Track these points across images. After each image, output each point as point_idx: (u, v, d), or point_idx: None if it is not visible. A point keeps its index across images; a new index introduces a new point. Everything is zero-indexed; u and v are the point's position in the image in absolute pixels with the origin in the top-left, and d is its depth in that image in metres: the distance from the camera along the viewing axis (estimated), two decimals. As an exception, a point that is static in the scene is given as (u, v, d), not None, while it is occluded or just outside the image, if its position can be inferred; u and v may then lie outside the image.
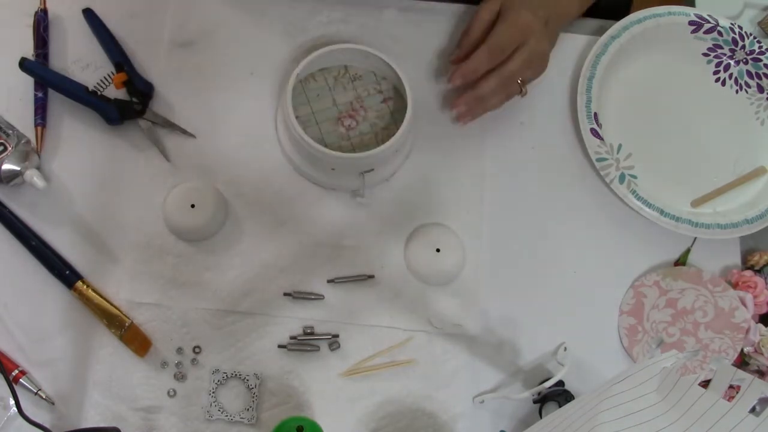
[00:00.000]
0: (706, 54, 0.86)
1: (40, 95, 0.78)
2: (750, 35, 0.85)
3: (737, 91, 0.86)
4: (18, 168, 0.73)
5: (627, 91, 0.85)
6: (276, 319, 0.74)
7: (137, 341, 0.72)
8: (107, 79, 0.79)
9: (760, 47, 0.85)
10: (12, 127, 0.74)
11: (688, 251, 0.80)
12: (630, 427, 0.51)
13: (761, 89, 0.85)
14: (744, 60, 0.85)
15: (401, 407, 0.73)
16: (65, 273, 0.72)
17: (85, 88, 0.77)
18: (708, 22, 0.85)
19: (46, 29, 0.80)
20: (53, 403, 0.70)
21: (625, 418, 0.51)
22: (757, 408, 0.45)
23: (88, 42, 0.81)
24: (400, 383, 0.74)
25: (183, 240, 0.75)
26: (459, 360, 0.75)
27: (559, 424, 0.57)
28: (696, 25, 0.85)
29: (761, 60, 0.85)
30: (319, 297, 0.75)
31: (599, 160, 0.80)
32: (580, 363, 0.75)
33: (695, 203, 0.82)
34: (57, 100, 0.78)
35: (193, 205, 0.74)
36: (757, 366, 0.76)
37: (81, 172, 0.77)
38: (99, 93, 0.78)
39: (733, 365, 0.48)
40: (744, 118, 0.86)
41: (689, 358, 0.52)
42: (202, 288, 0.74)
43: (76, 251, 0.74)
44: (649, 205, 0.79)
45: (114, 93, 0.79)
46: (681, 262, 0.80)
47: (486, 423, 0.73)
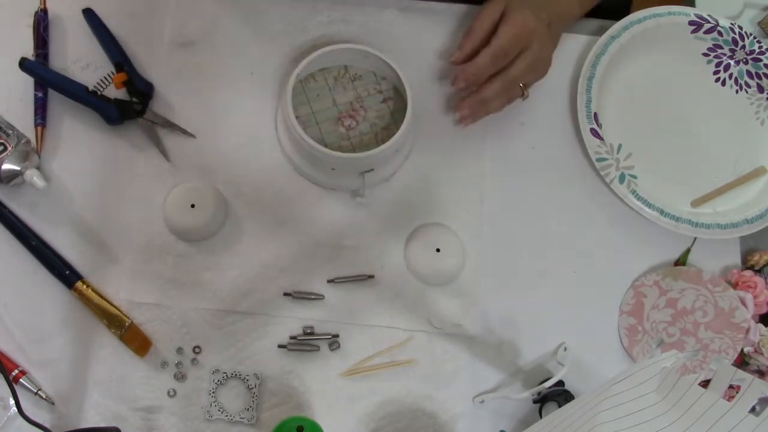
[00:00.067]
0: (706, 54, 0.86)
1: (40, 95, 0.78)
2: (750, 35, 0.85)
3: (737, 91, 0.86)
4: (18, 168, 0.73)
5: (627, 91, 0.85)
6: (276, 319, 0.74)
7: (137, 341, 0.72)
8: (107, 79, 0.79)
9: (760, 47, 0.85)
10: (12, 127, 0.74)
11: (688, 251, 0.80)
12: (630, 427, 0.51)
13: (761, 89, 0.85)
14: (744, 60, 0.85)
15: (401, 407, 0.73)
16: (65, 273, 0.72)
17: (85, 88, 0.77)
18: (708, 22, 0.85)
19: (46, 29, 0.80)
20: (53, 403, 0.70)
21: (625, 418, 0.51)
22: (757, 408, 0.45)
23: (88, 42, 0.81)
24: (400, 383, 0.74)
25: (183, 240, 0.75)
26: (459, 360, 0.75)
27: (559, 424, 0.57)
28: (696, 25, 0.85)
29: (761, 60, 0.85)
30: (319, 297, 0.75)
31: (599, 160, 0.80)
32: (580, 363, 0.75)
33: (695, 203, 0.82)
34: (57, 100, 0.78)
35: (193, 205, 0.74)
36: (757, 366, 0.76)
37: (81, 172, 0.77)
38: (99, 93, 0.78)
39: (733, 365, 0.48)
40: (744, 118, 0.86)
41: (689, 358, 0.52)
42: (202, 288, 0.74)
43: (76, 251, 0.74)
44: (649, 205, 0.79)
45: (114, 93, 0.79)
46: (681, 262, 0.80)
47: (486, 423, 0.73)
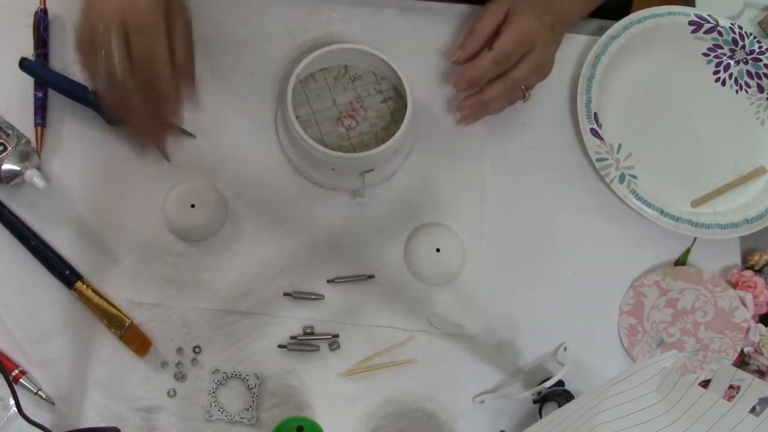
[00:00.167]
0: (706, 54, 0.86)
1: (40, 95, 0.78)
2: (750, 35, 0.85)
3: (737, 91, 0.86)
4: (18, 168, 0.73)
5: (627, 91, 0.85)
6: (276, 319, 0.74)
7: (137, 341, 0.71)
8: None
9: (760, 47, 0.85)
10: (12, 127, 0.74)
11: (688, 251, 0.80)
12: (630, 427, 0.51)
13: (761, 89, 0.85)
14: (744, 60, 0.85)
15: (401, 407, 0.73)
16: (65, 273, 0.72)
17: (85, 88, 0.77)
18: (708, 22, 0.85)
19: (46, 29, 0.80)
20: (53, 403, 0.70)
21: (625, 418, 0.51)
22: (757, 408, 0.45)
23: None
24: (400, 383, 0.74)
25: (183, 240, 0.75)
26: (459, 360, 0.75)
27: (559, 424, 0.57)
28: (696, 25, 0.85)
29: (761, 60, 0.85)
30: (319, 297, 0.75)
31: (599, 160, 0.80)
32: (580, 363, 0.75)
33: (695, 203, 0.82)
34: (57, 100, 0.78)
35: (193, 205, 0.74)
36: (757, 366, 0.76)
37: (81, 172, 0.77)
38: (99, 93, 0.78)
39: (733, 365, 0.48)
40: (744, 118, 0.86)
41: (689, 358, 0.52)
42: (202, 288, 0.74)
43: (76, 251, 0.74)
44: (649, 205, 0.79)
45: (114, 93, 0.79)
46: (681, 262, 0.80)
47: (486, 423, 0.73)
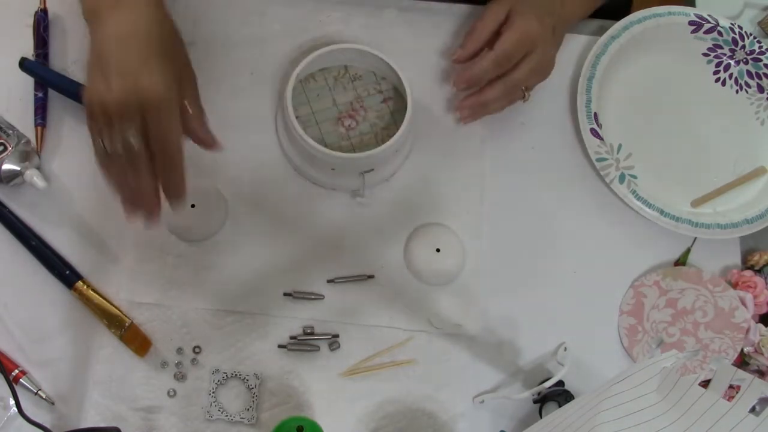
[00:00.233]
0: (706, 54, 0.86)
1: (40, 95, 0.78)
2: (750, 35, 0.85)
3: (737, 91, 0.86)
4: (18, 168, 0.73)
5: (627, 91, 0.85)
6: (276, 319, 0.74)
7: (137, 341, 0.71)
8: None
9: (760, 47, 0.85)
10: (12, 127, 0.74)
11: (688, 251, 0.80)
12: (630, 427, 0.51)
13: (761, 89, 0.85)
14: (744, 60, 0.85)
15: (401, 407, 0.73)
16: (65, 273, 0.72)
17: (85, 88, 0.77)
18: (708, 22, 0.85)
19: (46, 29, 0.80)
20: (53, 403, 0.70)
21: (625, 418, 0.51)
22: (757, 408, 0.45)
23: (88, 42, 0.80)
24: (400, 383, 0.74)
25: (183, 240, 0.75)
26: (459, 360, 0.75)
27: (559, 424, 0.57)
28: (696, 25, 0.85)
29: (761, 60, 0.85)
30: (319, 297, 0.75)
31: (599, 160, 0.80)
32: (580, 363, 0.74)
33: (695, 203, 0.82)
34: (57, 100, 0.78)
35: (193, 205, 0.74)
36: (757, 366, 0.76)
37: (81, 172, 0.77)
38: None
39: (733, 365, 0.48)
40: (744, 118, 0.86)
41: (689, 358, 0.52)
42: (202, 288, 0.74)
43: (76, 251, 0.74)
44: (649, 205, 0.79)
45: (114, 93, 0.79)
46: (681, 262, 0.80)
47: (486, 423, 0.73)
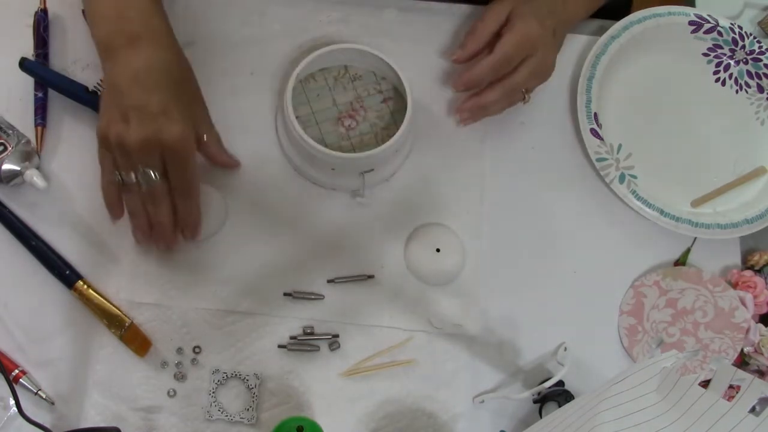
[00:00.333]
0: (706, 54, 0.86)
1: (40, 95, 0.78)
2: (750, 35, 0.85)
3: (737, 91, 0.86)
4: (18, 168, 0.73)
5: (627, 91, 0.85)
6: (276, 319, 0.74)
7: (137, 341, 0.71)
8: (104, 72, 0.79)
9: (760, 47, 0.85)
10: (12, 127, 0.74)
11: (688, 251, 0.80)
12: (630, 427, 0.51)
13: (761, 89, 0.85)
14: (744, 60, 0.85)
15: (401, 407, 0.73)
16: (65, 273, 0.72)
17: (85, 88, 0.77)
18: (708, 22, 0.85)
19: (46, 29, 0.80)
20: (53, 403, 0.70)
21: (625, 418, 0.51)
22: (757, 408, 0.45)
23: (88, 42, 0.80)
24: (400, 383, 0.74)
25: (183, 240, 0.75)
26: (459, 360, 0.75)
27: (559, 424, 0.57)
28: (696, 25, 0.85)
29: (761, 60, 0.85)
30: (319, 297, 0.75)
31: (599, 160, 0.80)
32: (580, 363, 0.74)
33: (695, 203, 0.82)
34: (57, 100, 0.78)
35: (193, 205, 0.74)
36: (757, 366, 0.76)
37: (81, 172, 0.77)
38: (99, 93, 0.78)
39: (733, 365, 0.48)
40: (744, 118, 0.86)
41: (689, 358, 0.52)
42: (202, 288, 0.74)
43: (76, 251, 0.74)
44: (649, 205, 0.79)
45: (114, 93, 0.79)
46: (681, 262, 0.80)
47: (486, 423, 0.73)
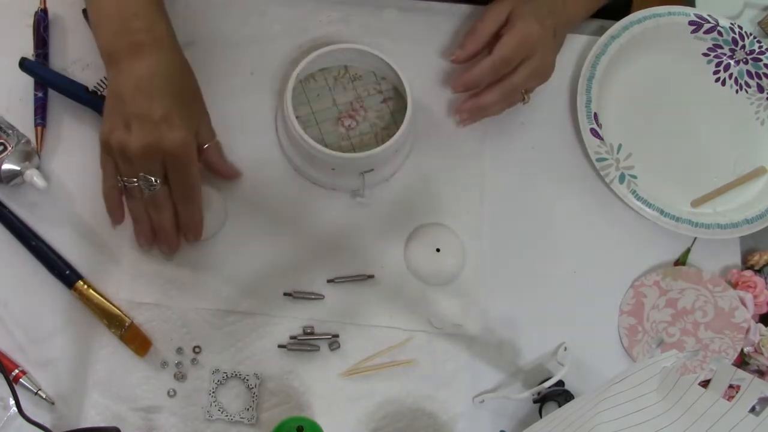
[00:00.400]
0: (706, 54, 0.86)
1: (40, 95, 0.78)
2: (750, 35, 0.85)
3: (737, 91, 0.86)
4: (18, 168, 0.73)
5: (627, 91, 0.85)
6: (276, 319, 0.74)
7: (137, 341, 0.71)
8: (107, 79, 0.79)
9: (760, 47, 0.85)
10: (12, 127, 0.74)
11: (688, 251, 0.80)
12: (630, 427, 0.51)
13: (761, 89, 0.85)
14: (744, 60, 0.85)
15: (401, 407, 0.73)
16: (65, 273, 0.72)
17: (85, 88, 0.77)
18: (708, 22, 0.85)
19: (46, 29, 0.80)
20: (53, 403, 0.70)
21: (625, 417, 0.51)
22: (757, 408, 0.45)
23: (88, 42, 0.80)
24: (400, 383, 0.74)
25: (183, 240, 0.75)
26: (459, 360, 0.75)
27: (559, 424, 0.57)
28: (696, 25, 0.85)
29: (761, 60, 0.85)
30: (319, 297, 0.75)
31: (599, 160, 0.80)
32: (580, 363, 0.74)
33: (695, 203, 0.82)
34: (57, 100, 0.78)
35: (193, 205, 0.74)
36: (757, 366, 0.76)
37: (81, 172, 0.77)
38: (99, 93, 0.78)
39: (733, 365, 0.48)
40: (744, 118, 0.86)
41: (689, 358, 0.52)
42: (202, 288, 0.74)
43: (76, 251, 0.74)
44: (649, 205, 0.79)
45: (114, 93, 0.79)
46: (681, 262, 0.80)
47: (486, 423, 0.73)
